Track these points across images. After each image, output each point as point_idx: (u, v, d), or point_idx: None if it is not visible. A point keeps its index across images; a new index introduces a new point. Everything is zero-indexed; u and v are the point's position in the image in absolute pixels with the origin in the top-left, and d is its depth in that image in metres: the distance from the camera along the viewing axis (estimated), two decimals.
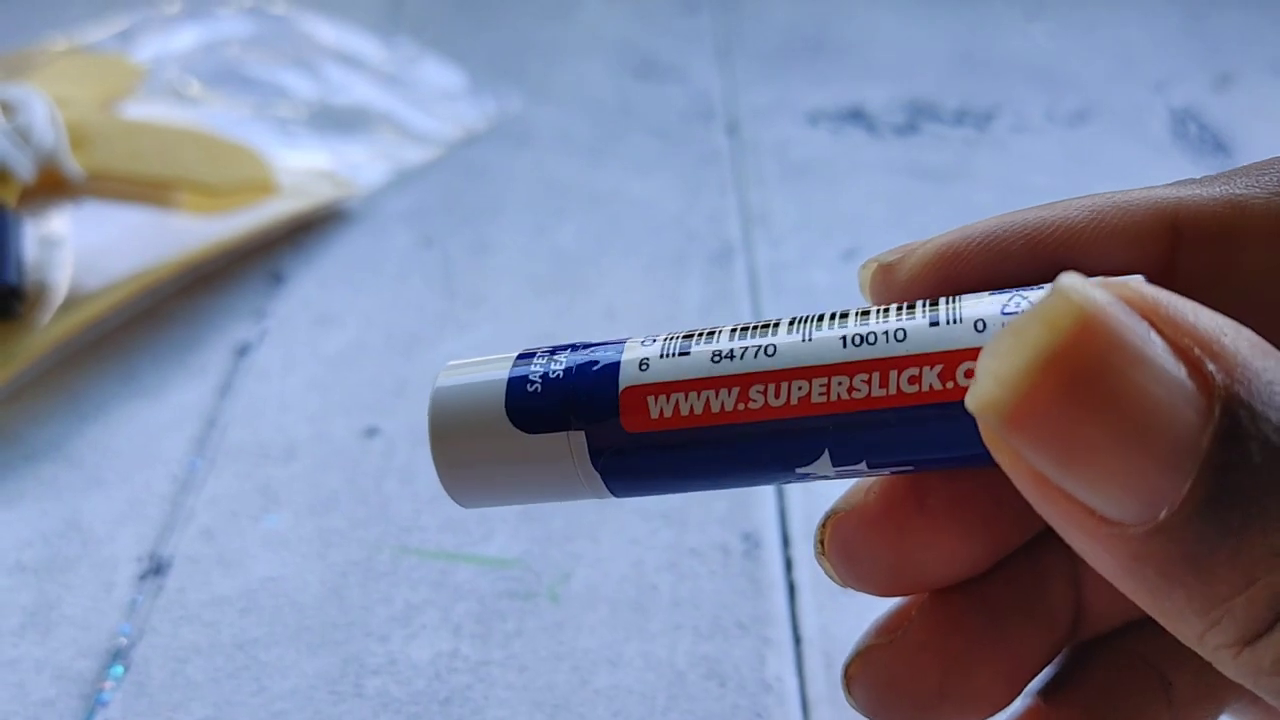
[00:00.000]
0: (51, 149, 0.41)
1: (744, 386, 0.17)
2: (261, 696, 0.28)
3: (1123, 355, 0.13)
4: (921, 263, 0.18)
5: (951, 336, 0.16)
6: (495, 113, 0.53)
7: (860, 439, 0.16)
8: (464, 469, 0.18)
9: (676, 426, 0.17)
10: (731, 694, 0.27)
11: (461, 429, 0.18)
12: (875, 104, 0.54)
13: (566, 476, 0.18)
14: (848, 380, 0.16)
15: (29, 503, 0.33)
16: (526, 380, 0.18)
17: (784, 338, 0.17)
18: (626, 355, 0.18)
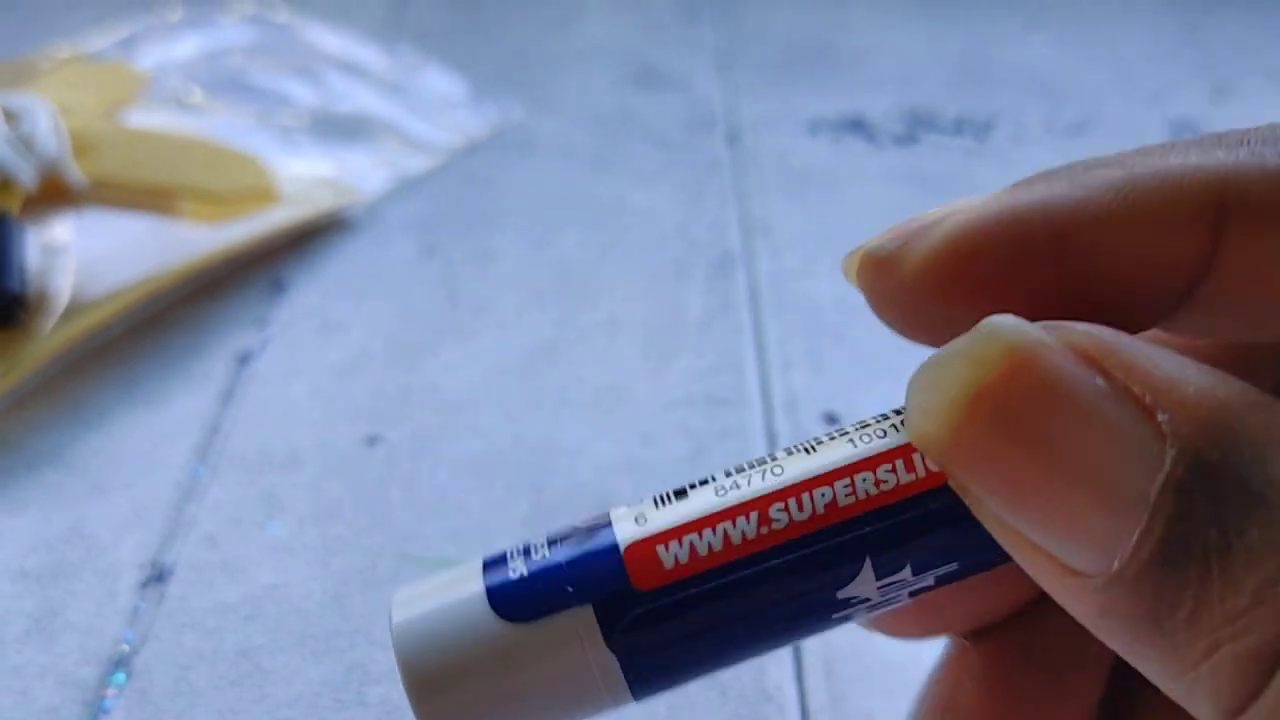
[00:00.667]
0: (54, 157, 0.41)
1: (762, 508, 0.15)
2: (264, 704, 0.28)
3: (1055, 395, 0.13)
4: (932, 255, 0.15)
5: None
6: (497, 121, 0.53)
7: (899, 535, 0.15)
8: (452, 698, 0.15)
9: (696, 571, 0.15)
10: (732, 703, 0.27)
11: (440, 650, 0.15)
12: (875, 114, 0.54)
13: (577, 669, 0.15)
14: (871, 474, 0.15)
15: (32, 510, 0.33)
16: (508, 570, 0.15)
17: (785, 459, 0.16)
18: (617, 515, 0.16)
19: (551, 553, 0.15)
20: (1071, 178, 0.15)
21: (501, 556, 0.16)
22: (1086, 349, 0.13)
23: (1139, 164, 0.15)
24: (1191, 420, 0.12)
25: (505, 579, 0.15)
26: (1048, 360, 0.13)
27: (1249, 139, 0.15)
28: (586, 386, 0.38)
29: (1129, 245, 0.15)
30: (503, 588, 0.15)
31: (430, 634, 0.15)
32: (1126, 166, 0.15)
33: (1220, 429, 0.12)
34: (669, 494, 0.16)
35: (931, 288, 0.15)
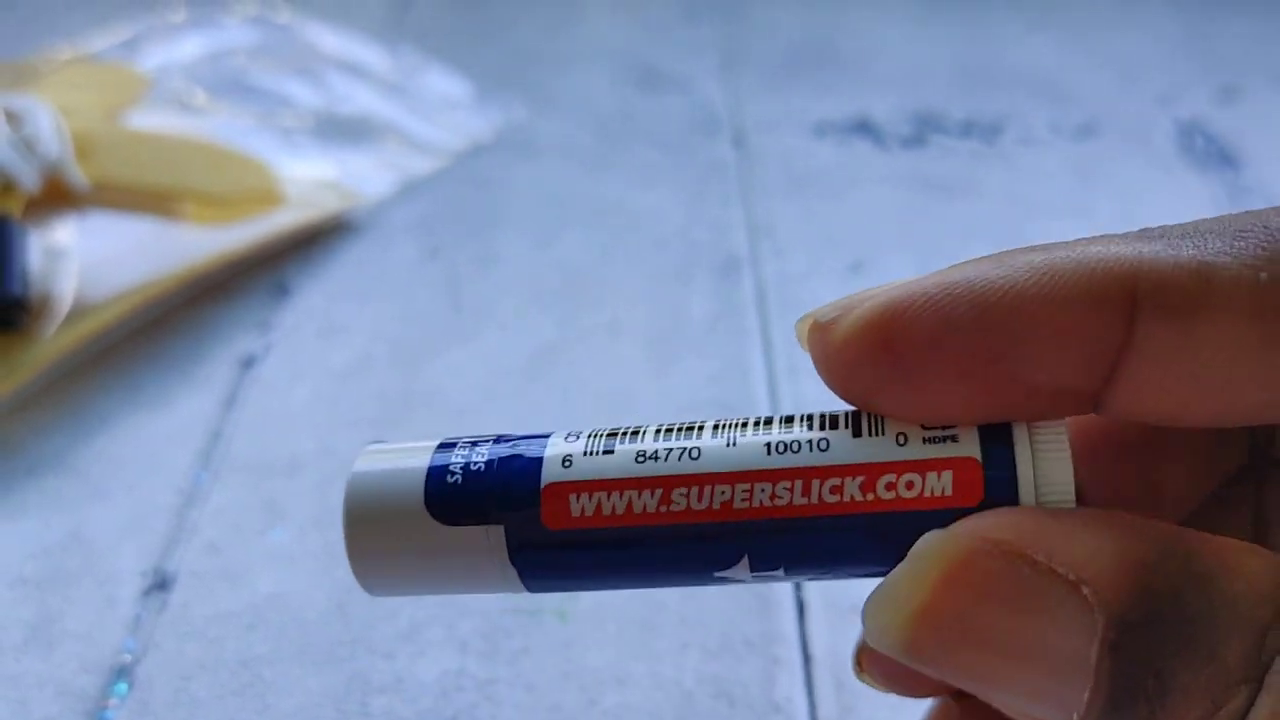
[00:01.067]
0: (56, 159, 0.41)
1: (667, 488, 0.17)
2: (266, 715, 0.27)
3: (990, 596, 0.14)
4: (857, 326, 0.17)
5: (874, 449, 0.16)
6: (500, 123, 0.53)
7: (779, 546, 0.17)
8: (377, 559, 0.18)
9: (597, 525, 0.17)
10: (740, 714, 0.27)
11: (378, 518, 0.18)
12: (881, 116, 0.54)
13: (482, 570, 0.17)
14: (770, 487, 0.16)
15: (32, 515, 0.33)
16: (447, 470, 0.17)
17: (708, 441, 0.17)
18: (550, 451, 0.17)
19: (488, 461, 0.17)
20: (998, 260, 0.16)
21: (452, 444, 0.18)
22: (1010, 542, 0.14)
23: (1062, 251, 0.16)
24: (1112, 586, 0.14)
25: (442, 480, 0.17)
26: (977, 566, 0.14)
27: (1170, 233, 0.16)
28: (590, 390, 0.37)
29: (1046, 323, 0.16)
30: (438, 489, 0.17)
31: (373, 504, 0.17)
32: (1050, 252, 0.16)
33: (1138, 589, 0.14)
34: (600, 441, 0.17)
35: (859, 354, 0.17)
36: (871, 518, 0.16)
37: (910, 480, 0.16)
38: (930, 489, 0.16)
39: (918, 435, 0.17)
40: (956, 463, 0.16)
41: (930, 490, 0.16)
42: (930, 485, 0.16)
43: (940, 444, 0.16)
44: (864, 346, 0.17)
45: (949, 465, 0.16)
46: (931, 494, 0.16)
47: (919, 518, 0.16)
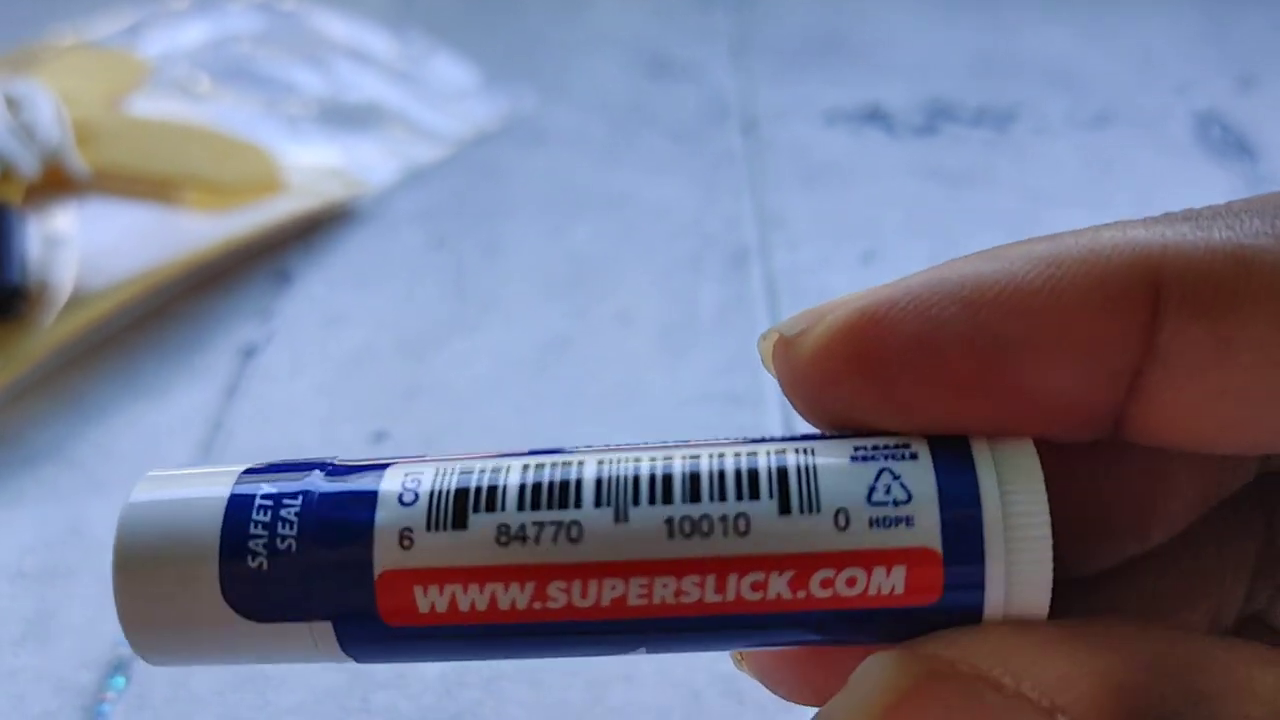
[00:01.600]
0: (56, 146, 0.40)
1: (540, 582, 0.13)
2: (266, 711, 0.27)
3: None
4: (830, 334, 0.14)
5: (806, 533, 0.13)
6: (508, 111, 0.52)
7: (686, 642, 0.14)
8: (162, 639, 0.14)
9: (452, 623, 0.14)
10: (750, 713, 0.27)
11: (162, 594, 0.14)
12: (894, 104, 0.53)
13: (304, 655, 0.14)
14: (674, 582, 0.13)
15: (29, 507, 0.32)
16: (248, 549, 0.14)
17: (592, 513, 0.14)
18: (382, 516, 0.14)
19: (299, 534, 0.14)
20: (995, 253, 0.14)
21: (254, 484, 0.14)
22: (973, 666, 0.12)
23: (1070, 239, 0.13)
24: (1094, 714, 0.12)
25: (243, 563, 0.14)
26: (932, 696, 0.12)
27: (1198, 215, 0.13)
28: (598, 382, 0.37)
29: (1051, 325, 0.13)
30: (239, 578, 0.14)
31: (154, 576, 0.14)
32: (1056, 242, 0.13)
33: (1124, 715, 0.12)
34: (449, 501, 0.14)
35: (831, 369, 0.14)
36: (803, 617, 0.13)
37: (852, 576, 0.13)
38: (877, 587, 0.13)
39: (862, 514, 0.13)
40: (911, 555, 0.13)
41: (877, 589, 0.13)
42: (877, 583, 0.13)
43: (890, 529, 0.13)
44: (836, 360, 0.14)
45: (901, 558, 0.13)
46: (879, 593, 0.13)
47: (861, 616, 0.13)
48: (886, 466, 0.14)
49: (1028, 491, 0.13)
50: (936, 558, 0.13)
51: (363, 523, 0.14)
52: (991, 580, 0.13)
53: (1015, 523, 0.13)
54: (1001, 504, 0.13)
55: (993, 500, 0.13)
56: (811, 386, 0.15)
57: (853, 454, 0.14)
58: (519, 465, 0.14)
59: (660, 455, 0.14)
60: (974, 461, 0.13)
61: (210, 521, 0.14)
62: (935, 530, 0.13)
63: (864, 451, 0.14)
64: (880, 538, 0.13)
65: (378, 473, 0.14)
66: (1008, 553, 0.13)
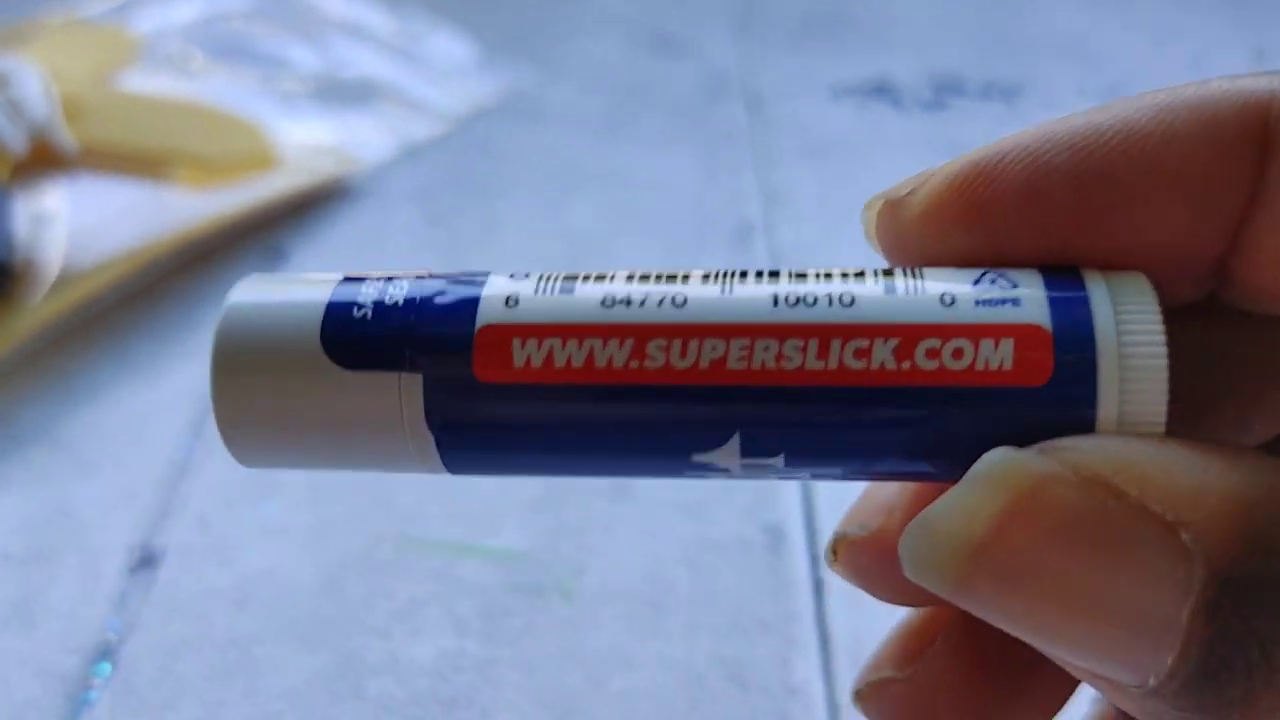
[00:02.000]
0: (44, 122, 0.40)
1: (641, 338, 0.13)
2: (255, 697, 0.26)
3: (1064, 535, 0.12)
4: (939, 188, 0.14)
5: (912, 307, 0.13)
6: (506, 87, 0.51)
7: (783, 423, 0.13)
8: (253, 413, 0.14)
9: (546, 381, 0.13)
10: (754, 698, 0.26)
11: (257, 361, 0.14)
12: (900, 79, 0.52)
13: (388, 434, 0.14)
14: (776, 345, 0.13)
15: (16, 489, 0.32)
16: (354, 305, 0.14)
17: (697, 289, 0.13)
18: (490, 289, 0.14)
19: (409, 296, 0.14)
20: (1104, 107, 0.14)
21: (361, 279, 0.14)
22: (1096, 470, 0.12)
23: (1180, 88, 0.14)
24: (1218, 535, 0.11)
25: (348, 316, 0.14)
26: (1051, 497, 0.12)
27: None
28: None
29: (1161, 167, 0.13)
30: (340, 325, 0.14)
31: (253, 343, 0.14)
32: (1169, 91, 0.14)
33: (1249, 540, 0.11)
34: (557, 279, 0.14)
35: (943, 222, 0.14)
36: (908, 393, 0.13)
37: (958, 348, 0.13)
38: (985, 361, 0.13)
39: (968, 296, 0.13)
40: (1020, 330, 0.13)
41: (984, 362, 0.13)
42: (985, 356, 0.13)
43: (998, 306, 0.13)
44: (946, 212, 0.14)
45: (1010, 332, 0.13)
46: (986, 367, 0.13)
47: (969, 396, 0.13)
48: (991, 269, 0.14)
49: (1140, 307, 0.13)
50: (1045, 335, 0.13)
51: (469, 292, 0.14)
52: (1105, 381, 0.12)
53: (1129, 330, 0.13)
54: (1114, 314, 0.13)
55: (1105, 310, 0.13)
56: (921, 242, 0.14)
57: (958, 268, 0.14)
58: (624, 271, 0.14)
59: (765, 271, 0.14)
60: (1084, 280, 0.13)
61: (317, 295, 0.14)
62: (1044, 310, 0.13)
63: (968, 268, 0.14)
64: (988, 315, 0.13)
65: (483, 273, 0.15)
66: (1122, 358, 0.12)
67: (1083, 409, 0.13)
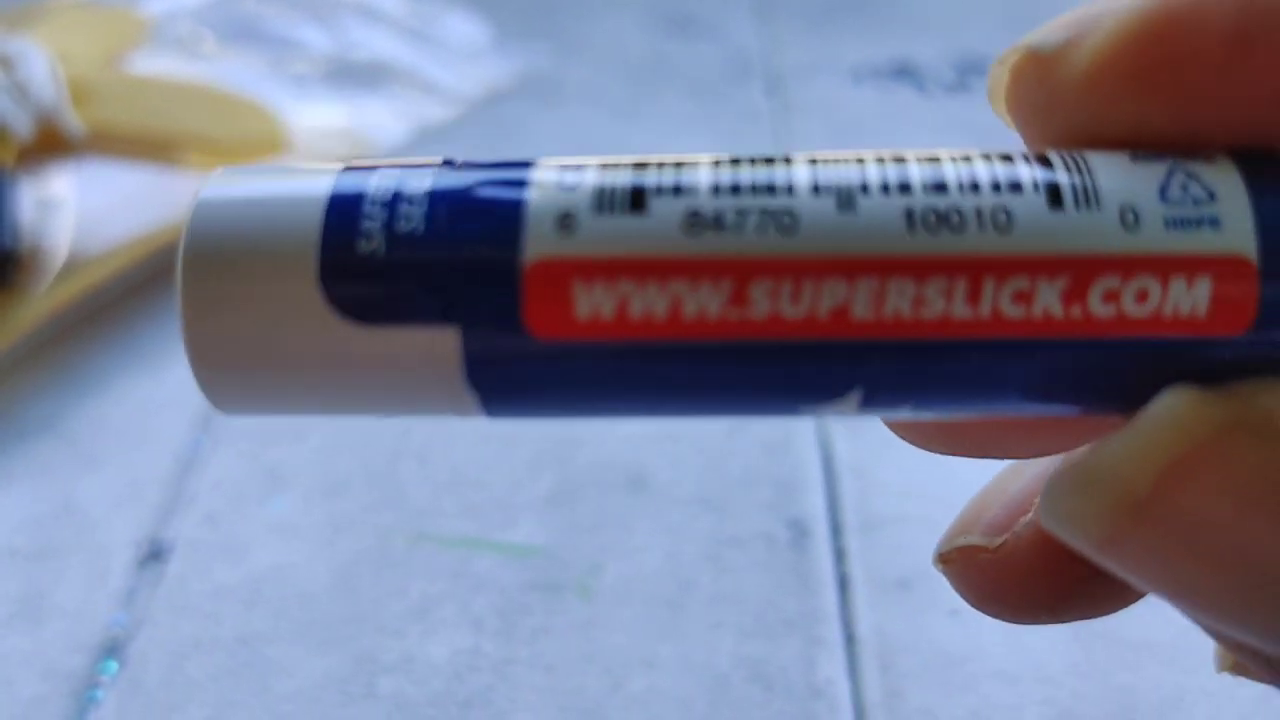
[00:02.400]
0: (51, 105, 0.39)
1: (740, 280, 0.10)
2: (265, 697, 0.25)
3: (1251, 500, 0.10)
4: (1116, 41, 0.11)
5: (1085, 230, 0.10)
6: (521, 69, 0.51)
7: (916, 380, 0.11)
8: (238, 354, 0.11)
9: (619, 337, 0.10)
10: (778, 699, 0.25)
11: (240, 289, 0.11)
12: (924, 60, 0.51)
13: (417, 391, 0.11)
14: (913, 288, 0.10)
15: (21, 484, 0.31)
16: (358, 230, 0.11)
17: (809, 201, 0.10)
18: (536, 196, 0.11)
19: (429, 210, 0.11)
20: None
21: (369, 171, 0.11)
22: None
23: None
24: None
25: (350, 248, 0.10)
26: (1235, 449, 0.10)
27: None
28: None
29: None
30: (343, 265, 0.10)
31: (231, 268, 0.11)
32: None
33: None
34: (620, 191, 0.11)
35: (1119, 85, 0.11)
36: (1076, 345, 0.10)
37: (1143, 289, 0.10)
38: (1174, 306, 0.10)
39: (1155, 214, 0.10)
40: (1219, 264, 0.10)
41: (1174, 308, 0.10)
42: (1175, 300, 0.10)
43: (1192, 229, 0.10)
44: (1126, 73, 0.11)
45: (1206, 267, 0.10)
46: (1176, 313, 0.10)
47: (1152, 347, 0.10)
48: (1180, 165, 0.11)
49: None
50: (1251, 270, 0.10)
51: (511, 201, 0.11)
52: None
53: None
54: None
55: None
56: (1082, 112, 0.11)
57: (1133, 156, 0.11)
58: (708, 160, 0.11)
59: (888, 155, 0.11)
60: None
61: (310, 207, 0.11)
62: (1250, 237, 0.10)
63: (1146, 154, 0.11)
64: (1180, 240, 0.10)
65: (523, 164, 0.11)
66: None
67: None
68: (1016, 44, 0.12)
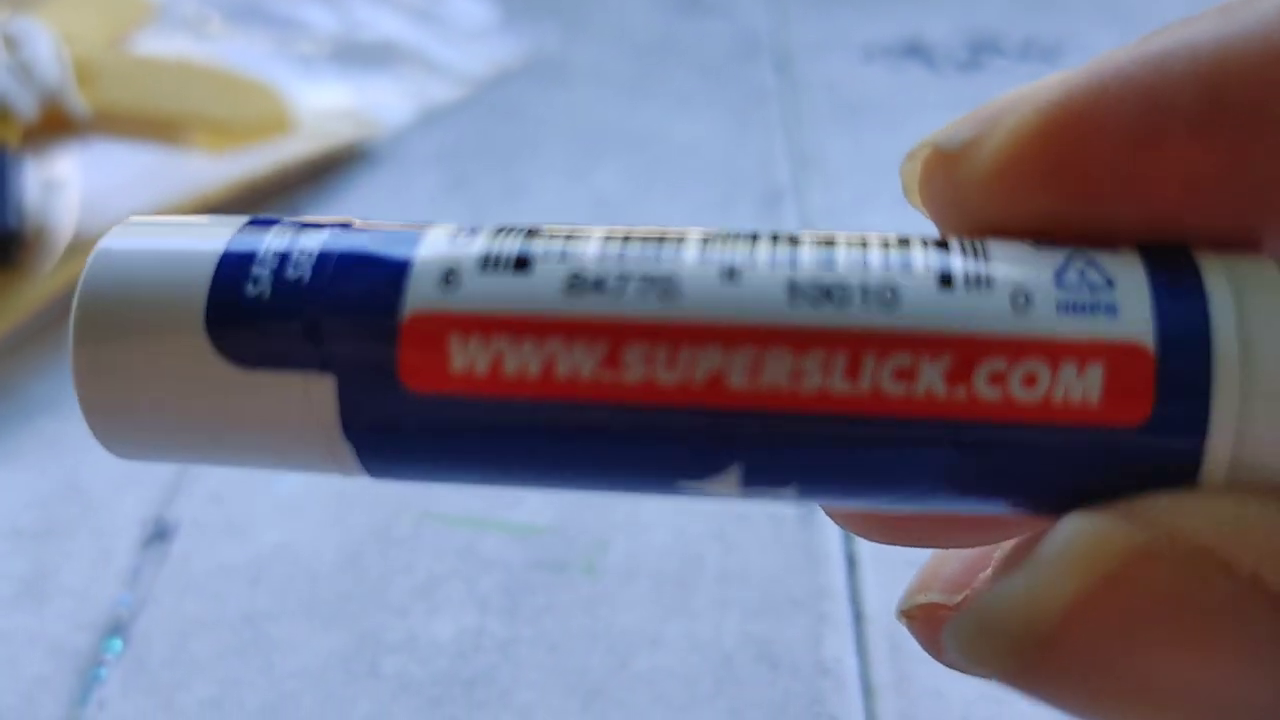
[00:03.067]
0: (56, 85, 0.39)
1: (615, 342, 0.10)
2: (269, 675, 0.25)
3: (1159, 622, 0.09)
4: (1018, 140, 0.11)
5: (973, 310, 0.10)
6: (529, 48, 0.50)
7: (797, 457, 0.10)
8: (125, 398, 0.11)
9: (492, 394, 0.10)
10: (785, 678, 0.25)
11: (128, 333, 0.11)
12: (935, 37, 0.51)
13: (294, 440, 0.11)
14: (791, 359, 0.10)
15: (27, 462, 0.31)
16: (249, 274, 0.11)
17: (692, 269, 0.10)
18: (424, 252, 0.11)
19: (318, 260, 0.11)
20: (1225, 14, 0.10)
21: (267, 223, 0.12)
22: (1200, 539, 0.09)
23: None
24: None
25: (239, 291, 0.11)
26: (1141, 576, 0.09)
27: None
28: None
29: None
30: (230, 304, 0.11)
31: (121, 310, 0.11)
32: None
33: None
34: (514, 242, 0.11)
35: (1021, 183, 0.11)
36: (960, 429, 0.10)
37: (1031, 372, 0.10)
38: (1064, 391, 0.10)
39: (1048, 297, 0.10)
40: (1113, 351, 0.10)
41: (1063, 393, 0.10)
42: (1065, 384, 0.10)
43: (1087, 314, 0.10)
44: (1029, 172, 0.11)
45: (1099, 353, 0.10)
46: (1066, 399, 0.10)
47: (1039, 436, 0.10)
48: (1080, 253, 0.10)
49: (1272, 313, 0.10)
50: (1147, 359, 0.10)
51: (398, 257, 0.11)
52: (1219, 418, 0.10)
53: (1256, 354, 0.10)
54: (1237, 326, 0.10)
55: (1225, 318, 0.10)
56: (986, 206, 0.11)
57: (1035, 244, 0.11)
58: (600, 230, 0.11)
59: (782, 235, 0.11)
60: (1201, 272, 0.10)
61: (203, 258, 0.11)
62: (1147, 325, 0.10)
63: (1048, 243, 0.11)
64: (1072, 325, 0.10)
65: (419, 228, 0.12)
66: (1244, 386, 0.10)
67: (1188, 453, 0.10)
68: (925, 139, 0.12)
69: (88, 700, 0.25)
